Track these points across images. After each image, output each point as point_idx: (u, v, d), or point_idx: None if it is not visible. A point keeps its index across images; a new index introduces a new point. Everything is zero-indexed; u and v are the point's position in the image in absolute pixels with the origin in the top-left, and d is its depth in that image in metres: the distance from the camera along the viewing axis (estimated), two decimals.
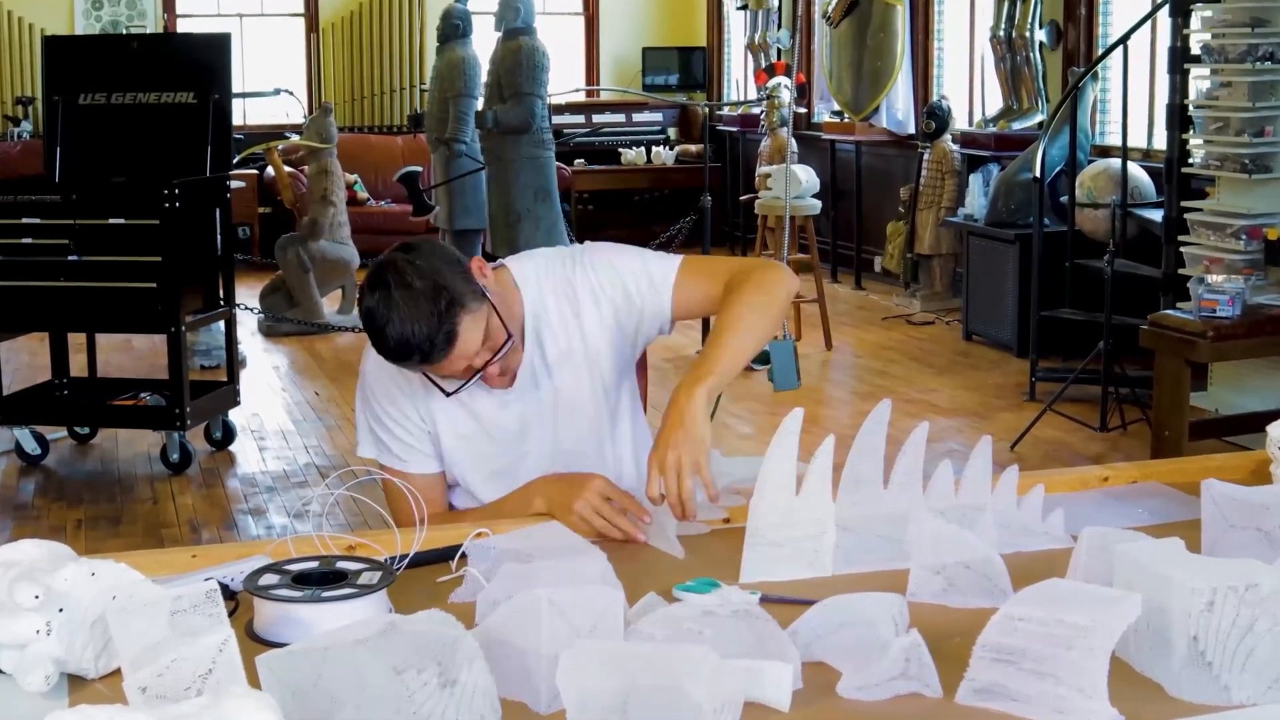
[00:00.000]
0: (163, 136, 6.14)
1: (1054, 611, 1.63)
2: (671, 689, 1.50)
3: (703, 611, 1.74)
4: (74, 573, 1.74)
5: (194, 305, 6.01)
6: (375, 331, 2.27)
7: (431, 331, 2.24)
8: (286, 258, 8.75)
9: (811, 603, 1.80)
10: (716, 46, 12.97)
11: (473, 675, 1.56)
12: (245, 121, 11.62)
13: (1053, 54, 8.44)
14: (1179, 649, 1.68)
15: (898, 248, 9.65)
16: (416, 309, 2.23)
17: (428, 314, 2.24)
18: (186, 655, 1.54)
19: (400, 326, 2.24)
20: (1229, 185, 6.04)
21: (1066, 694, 1.62)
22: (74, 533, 5.22)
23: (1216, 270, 5.77)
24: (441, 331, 2.24)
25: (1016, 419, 6.47)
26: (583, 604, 1.69)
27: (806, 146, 10.72)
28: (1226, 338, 5.24)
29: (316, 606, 1.86)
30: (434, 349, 2.25)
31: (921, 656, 1.69)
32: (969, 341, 8.33)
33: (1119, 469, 2.65)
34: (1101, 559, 1.90)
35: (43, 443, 6.15)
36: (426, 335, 2.24)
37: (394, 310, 2.24)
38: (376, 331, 2.26)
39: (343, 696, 1.53)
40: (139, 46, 6.55)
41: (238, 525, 5.33)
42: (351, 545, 2.20)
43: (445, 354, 2.27)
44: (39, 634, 1.69)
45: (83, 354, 6.47)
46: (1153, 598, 1.71)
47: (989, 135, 8.73)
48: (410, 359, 2.28)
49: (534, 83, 8.31)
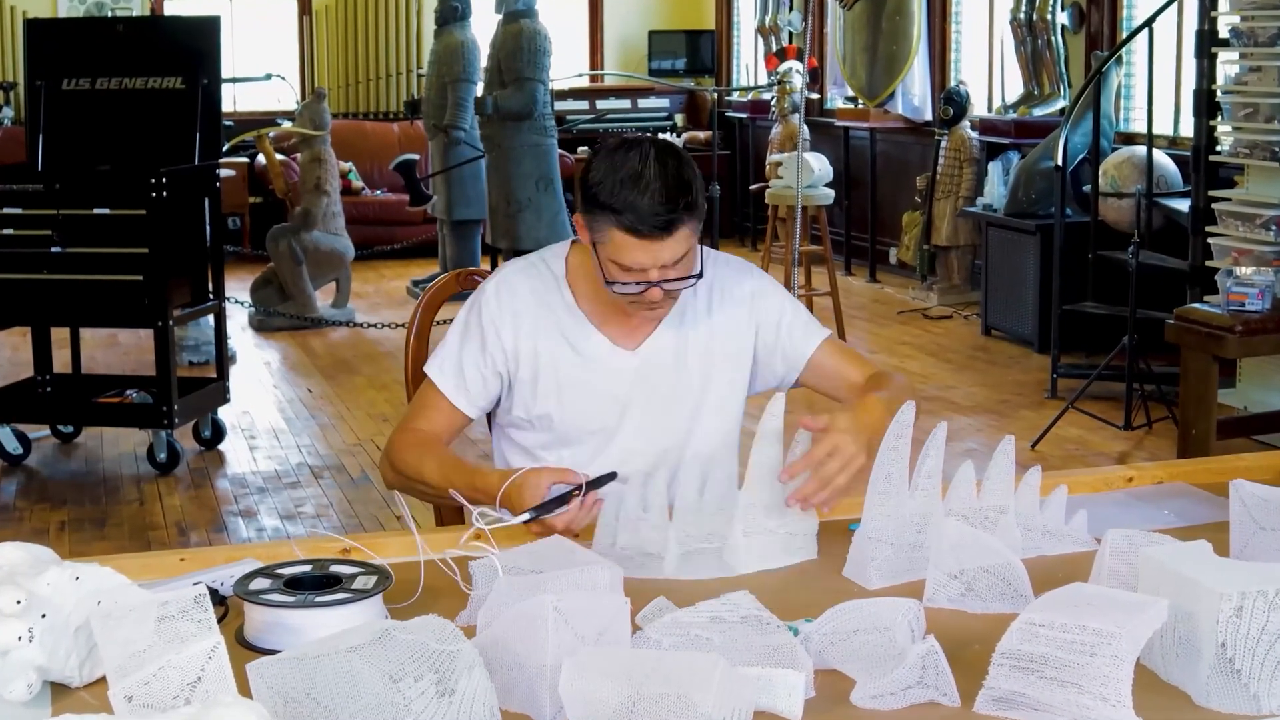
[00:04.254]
0: (150, 123, 6.14)
1: (1077, 617, 1.63)
2: (679, 698, 1.50)
3: (710, 618, 1.74)
4: (57, 577, 1.74)
5: (182, 299, 6.01)
6: (629, 176, 2.35)
7: (673, 200, 2.35)
8: (278, 249, 8.75)
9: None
10: (725, 29, 12.97)
11: (472, 684, 1.56)
12: (235, 108, 11.63)
13: (1075, 37, 8.43)
14: (1207, 656, 1.68)
15: (914, 239, 9.65)
16: (671, 177, 2.36)
17: (676, 186, 2.36)
18: (174, 663, 1.54)
19: (656, 181, 2.34)
20: (1258, 174, 6.03)
21: (1090, 703, 1.61)
22: (57, 535, 5.23)
23: (1245, 262, 5.76)
24: (680, 210, 2.36)
25: (1038, 417, 6.47)
26: (588, 612, 1.69)
27: (819, 134, 10.72)
28: (1256, 332, 5.23)
29: (309, 612, 1.86)
30: (674, 219, 2.35)
31: (938, 664, 1.69)
32: (988, 336, 8.33)
33: (1144, 469, 2.65)
34: (1126, 562, 1.90)
35: (25, 442, 6.15)
36: (668, 199, 2.34)
37: (654, 164, 2.36)
38: (631, 175, 2.35)
39: (336, 706, 1.53)
40: (125, 30, 6.56)
41: (227, 527, 5.34)
42: (346, 548, 2.20)
43: (670, 232, 2.36)
44: (21, 641, 1.69)
45: (66, 349, 6.47)
46: (1179, 603, 1.71)
47: (1009, 122, 8.72)
48: (653, 215, 2.34)
49: (535, 67, 8.32)
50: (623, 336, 2.57)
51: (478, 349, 2.57)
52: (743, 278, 2.64)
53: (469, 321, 2.60)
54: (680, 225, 2.37)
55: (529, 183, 8.35)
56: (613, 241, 2.39)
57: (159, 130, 6.12)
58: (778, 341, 2.63)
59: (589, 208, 2.41)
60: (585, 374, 2.57)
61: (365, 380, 7.53)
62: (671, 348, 2.59)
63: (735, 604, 1.77)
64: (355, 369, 7.82)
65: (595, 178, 2.39)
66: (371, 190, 11.79)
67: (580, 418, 2.57)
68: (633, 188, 2.35)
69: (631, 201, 2.35)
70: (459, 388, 2.58)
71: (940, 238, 9.23)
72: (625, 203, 2.35)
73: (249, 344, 8.51)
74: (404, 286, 10.22)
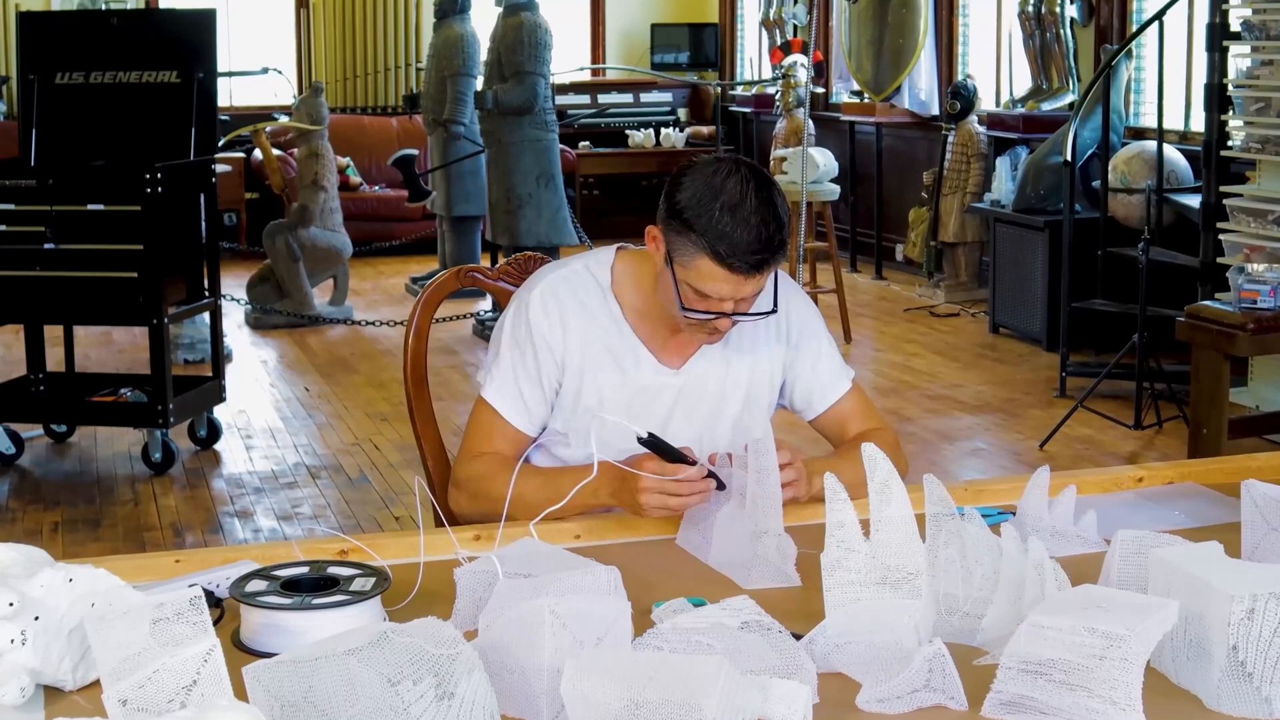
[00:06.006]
0: (144, 118, 6.14)
1: (1086, 620, 1.63)
2: (682, 704, 1.50)
3: (713, 623, 1.74)
4: (50, 579, 1.74)
5: (177, 296, 6.01)
6: (730, 204, 2.31)
7: (771, 239, 2.33)
8: (275, 246, 8.75)
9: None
10: (729, 23, 12.96)
11: (471, 687, 1.56)
12: (231, 102, 11.64)
13: (1084, 30, 8.43)
14: (1218, 659, 1.68)
15: (920, 235, 9.65)
16: (770, 212, 2.33)
17: (774, 223, 2.33)
18: (169, 666, 1.54)
19: (756, 216, 2.31)
20: (1270, 169, 6.03)
21: (1099, 707, 1.61)
22: (50, 536, 5.23)
23: (1257, 259, 5.76)
24: (775, 249, 2.34)
25: (1046, 416, 6.47)
26: (588, 615, 1.69)
27: (824, 128, 10.71)
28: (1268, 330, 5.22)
29: (306, 614, 1.86)
30: (768, 258, 2.33)
31: (945, 667, 1.69)
32: (995, 334, 8.33)
33: (1154, 469, 2.65)
34: (1136, 564, 1.90)
35: (18, 441, 6.15)
36: (766, 238, 2.32)
37: (754, 197, 2.32)
38: (732, 204, 2.31)
39: (334, 709, 1.54)
40: (119, 23, 6.55)
41: (223, 528, 5.34)
42: (344, 549, 2.20)
43: (761, 270, 2.34)
44: (13, 644, 1.69)
45: (60, 347, 6.48)
46: (1190, 605, 1.71)
47: (1017, 116, 8.72)
48: (749, 252, 2.31)
49: (536, 61, 8.31)
50: (667, 354, 2.55)
51: (532, 365, 2.52)
52: (788, 299, 2.58)
53: (518, 338, 2.54)
54: (771, 264, 2.35)
55: (529, 178, 8.35)
56: (698, 268, 2.35)
57: (154, 125, 6.12)
58: (812, 379, 2.63)
59: (677, 227, 2.36)
60: (627, 392, 2.54)
61: (363, 379, 7.54)
62: (715, 370, 2.57)
63: (737, 609, 1.77)
64: (353, 367, 7.82)
65: (689, 198, 2.34)
66: (369, 186, 11.79)
67: (617, 437, 2.50)
68: (731, 217, 2.31)
69: (728, 232, 2.30)
70: (519, 409, 2.53)
71: (947, 234, 9.23)
72: (721, 233, 2.31)
73: (245, 342, 8.51)
74: (402, 284, 10.23)
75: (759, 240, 2.31)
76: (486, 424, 2.55)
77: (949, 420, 6.43)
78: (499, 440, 2.53)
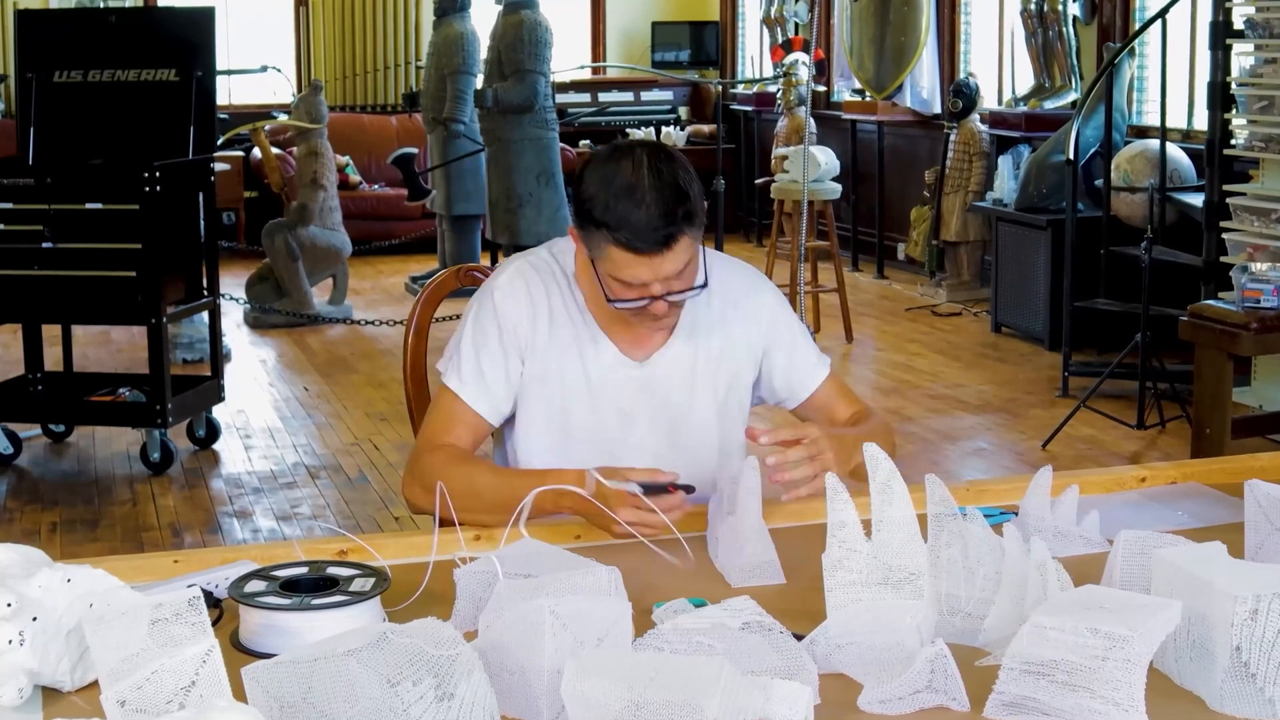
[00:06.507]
0: (143, 116, 6.14)
1: (1088, 620, 1.63)
2: (683, 705, 1.50)
3: (714, 624, 1.74)
4: (49, 579, 1.74)
5: (176, 295, 6.01)
6: (622, 189, 2.31)
7: (671, 213, 2.30)
8: (274, 245, 8.75)
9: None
10: (730, 21, 12.96)
11: (471, 688, 1.56)
12: (230, 100, 11.62)
13: (1087, 28, 8.43)
14: (1221, 660, 1.68)
15: (922, 234, 9.64)
16: (667, 186, 2.31)
17: (672, 197, 2.31)
18: (168, 666, 1.54)
19: (651, 193, 2.30)
20: (1273, 168, 6.02)
21: (1102, 708, 1.61)
22: (49, 537, 5.23)
23: (1260, 258, 5.76)
24: (679, 221, 2.32)
25: (1048, 416, 6.46)
26: (588, 616, 1.69)
27: (826, 127, 10.71)
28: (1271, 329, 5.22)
29: (305, 615, 1.86)
30: (673, 232, 2.31)
31: (947, 668, 1.69)
32: (998, 334, 8.33)
33: (1157, 469, 2.65)
34: (1139, 564, 1.90)
35: (15, 441, 6.15)
36: (665, 212, 2.30)
37: (647, 175, 2.31)
38: (624, 189, 2.30)
39: (333, 710, 1.53)
40: (117, 21, 6.55)
41: (222, 528, 5.34)
42: (343, 549, 2.20)
43: (669, 246, 2.32)
44: (11, 644, 1.69)
45: (58, 347, 6.48)
46: (1193, 605, 1.71)
47: (1019, 115, 8.72)
48: (651, 230, 2.30)
49: (536, 59, 8.32)
50: (631, 346, 2.53)
51: (495, 345, 2.51)
52: (756, 291, 2.61)
53: (481, 321, 2.53)
54: (680, 237, 2.32)
55: (529, 177, 8.35)
56: (611, 259, 2.34)
57: (152, 123, 6.12)
58: (789, 368, 2.63)
59: (583, 224, 2.36)
60: (591, 384, 2.53)
61: (363, 378, 7.53)
62: (683, 361, 2.56)
63: (738, 609, 1.76)
64: (352, 367, 7.82)
65: (587, 192, 2.34)
66: (369, 184, 11.79)
67: (582, 429, 2.53)
68: (627, 201, 2.30)
69: (626, 217, 2.30)
70: (481, 393, 2.50)
71: (949, 233, 9.23)
72: (620, 219, 2.30)
73: (244, 341, 8.51)
74: (402, 283, 10.22)
75: (660, 217, 2.30)
76: (446, 411, 2.52)
77: (951, 420, 6.43)
78: (459, 427, 2.50)
